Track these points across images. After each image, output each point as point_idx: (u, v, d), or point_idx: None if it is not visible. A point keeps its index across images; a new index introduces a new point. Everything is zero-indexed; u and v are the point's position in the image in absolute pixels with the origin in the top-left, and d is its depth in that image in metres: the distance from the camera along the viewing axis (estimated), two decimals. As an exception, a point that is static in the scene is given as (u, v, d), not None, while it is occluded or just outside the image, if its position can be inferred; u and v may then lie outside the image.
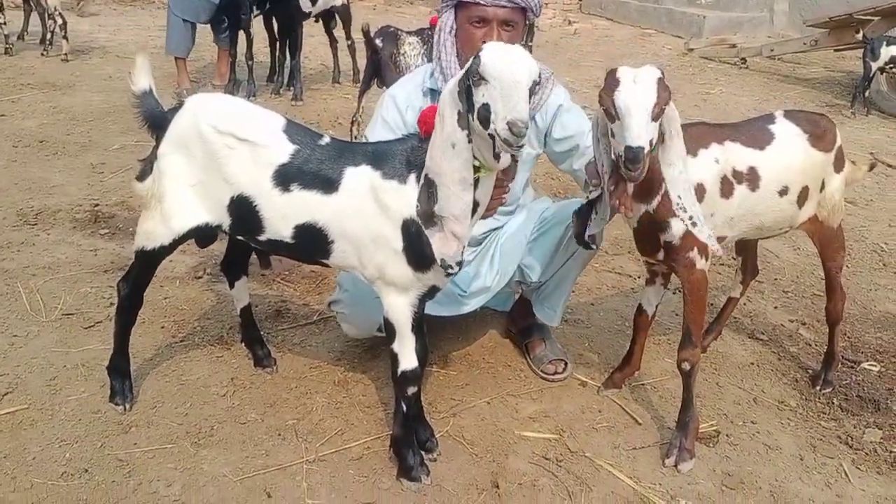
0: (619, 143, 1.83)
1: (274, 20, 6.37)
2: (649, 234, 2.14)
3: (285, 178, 1.92)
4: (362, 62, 6.88)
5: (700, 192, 2.08)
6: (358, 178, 1.89)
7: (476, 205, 1.81)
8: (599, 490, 2.15)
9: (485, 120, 1.64)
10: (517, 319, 2.85)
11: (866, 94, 7.36)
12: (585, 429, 2.43)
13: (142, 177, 2.10)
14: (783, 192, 2.28)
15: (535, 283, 2.60)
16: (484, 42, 2.08)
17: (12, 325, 2.76)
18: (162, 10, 10.35)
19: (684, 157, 1.95)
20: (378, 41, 4.52)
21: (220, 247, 3.08)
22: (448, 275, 1.88)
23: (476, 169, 1.75)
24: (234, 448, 2.21)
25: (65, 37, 6.85)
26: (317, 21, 6.62)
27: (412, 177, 1.84)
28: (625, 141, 1.79)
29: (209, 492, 2.03)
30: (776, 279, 3.66)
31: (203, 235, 2.16)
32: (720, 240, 2.22)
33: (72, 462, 2.10)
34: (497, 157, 1.71)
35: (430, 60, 4.94)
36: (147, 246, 2.11)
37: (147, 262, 2.16)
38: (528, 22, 2.38)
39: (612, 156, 1.96)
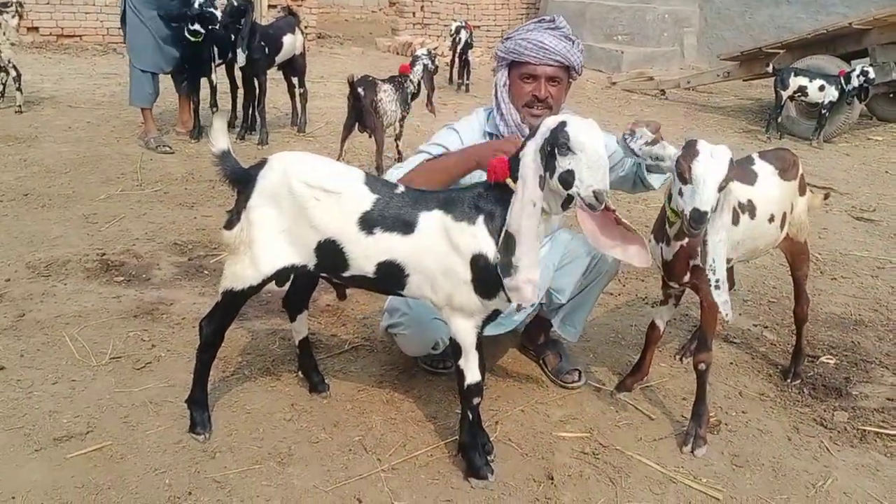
0: (687, 204, 2.17)
1: (236, 69, 6.60)
2: (682, 262, 2.55)
3: (369, 223, 2.23)
4: (310, 107, 7.23)
5: None
6: (432, 221, 2.22)
7: None
8: (635, 476, 2.52)
9: (566, 182, 2.01)
10: (533, 337, 3.21)
11: (779, 120, 8.16)
12: (610, 427, 2.80)
13: (229, 226, 2.35)
14: (771, 219, 2.74)
15: (559, 303, 2.97)
16: (534, 95, 2.49)
17: (67, 372, 2.92)
18: (98, 57, 10.43)
19: (729, 227, 2.33)
20: (360, 90, 4.85)
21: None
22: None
23: None
24: (315, 464, 2.47)
25: (18, 89, 6.87)
26: (278, 70, 6.88)
27: (480, 218, 2.19)
28: (693, 203, 2.15)
29: (308, 502, 2.29)
30: (735, 290, 4.15)
31: (287, 275, 2.43)
32: (727, 262, 2.64)
33: (173, 487, 2.31)
34: (565, 207, 2.09)
35: (401, 105, 5.34)
36: (236, 287, 2.36)
37: (234, 303, 2.41)
38: (570, 80, 2.72)
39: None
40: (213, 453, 2.49)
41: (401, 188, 2.31)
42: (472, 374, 2.35)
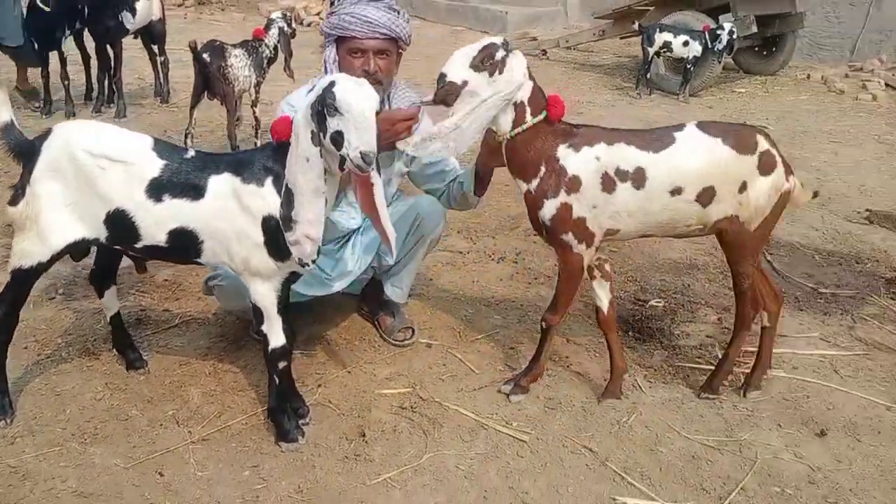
0: None
1: (89, 38, 6.28)
2: (532, 213, 2.45)
3: (157, 189, 2.18)
4: (178, 76, 6.96)
5: (575, 183, 2.37)
6: (221, 184, 2.19)
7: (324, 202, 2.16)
8: (448, 425, 2.58)
9: (336, 143, 1.99)
10: (368, 299, 3.23)
11: (647, 76, 8.36)
12: (433, 380, 2.85)
13: (14, 201, 2.27)
14: (677, 192, 2.39)
15: (388, 265, 3.00)
16: (364, 70, 2.48)
17: None
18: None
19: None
20: (205, 56, 4.70)
21: (64, 268, 3.24)
22: (303, 266, 2.20)
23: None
24: (121, 441, 2.42)
25: None
26: (136, 37, 6.59)
27: (269, 180, 2.16)
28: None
29: (104, 480, 2.25)
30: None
31: (79, 250, 2.36)
32: (613, 232, 2.47)
33: (-37, 476, 2.23)
34: (341, 167, 2.06)
35: (256, 70, 5.20)
36: (24, 264, 2.28)
37: (24, 281, 2.33)
38: (400, 51, 2.71)
39: None
40: (13, 439, 2.41)
41: (191, 152, 2.26)
42: (276, 338, 2.34)
